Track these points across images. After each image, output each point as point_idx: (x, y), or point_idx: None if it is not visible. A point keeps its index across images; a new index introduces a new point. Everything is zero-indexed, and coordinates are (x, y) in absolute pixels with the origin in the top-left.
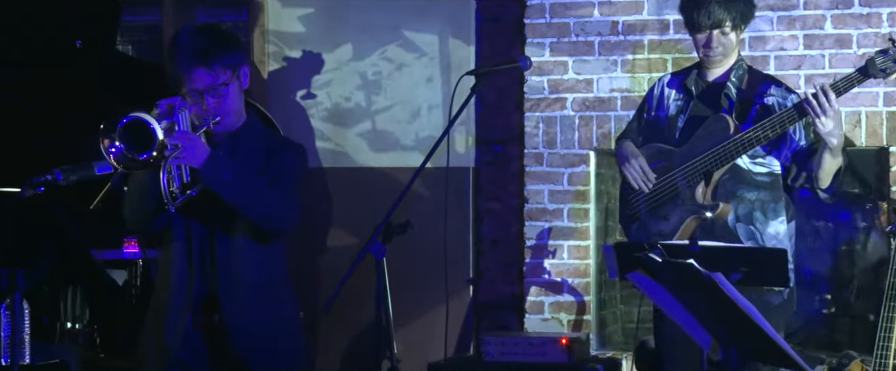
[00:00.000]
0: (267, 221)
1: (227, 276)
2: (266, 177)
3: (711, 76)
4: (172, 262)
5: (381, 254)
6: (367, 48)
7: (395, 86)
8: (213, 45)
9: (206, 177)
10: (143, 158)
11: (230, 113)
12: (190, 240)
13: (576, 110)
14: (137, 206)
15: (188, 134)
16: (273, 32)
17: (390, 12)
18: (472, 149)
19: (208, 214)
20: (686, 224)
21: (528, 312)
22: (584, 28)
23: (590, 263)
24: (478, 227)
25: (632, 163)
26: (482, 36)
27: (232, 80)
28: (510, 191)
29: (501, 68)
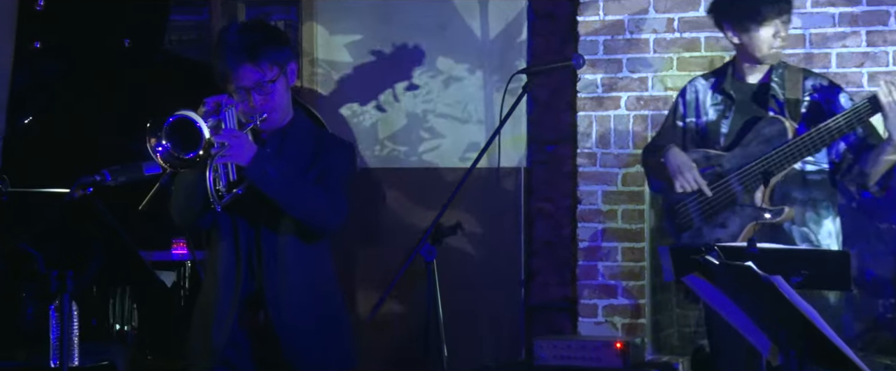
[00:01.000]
0: (313, 219)
1: (273, 275)
2: (313, 174)
3: (751, 78)
4: (219, 261)
5: (430, 256)
6: (419, 46)
7: (446, 85)
8: (260, 41)
9: (252, 174)
10: (190, 157)
11: (277, 110)
12: (237, 238)
13: (630, 109)
14: (184, 203)
15: (234, 132)
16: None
17: (439, 9)
18: (524, 149)
19: (255, 212)
20: (747, 230)
21: (581, 315)
22: (639, 25)
23: (644, 266)
24: (529, 228)
25: (685, 174)
26: (534, 33)
27: (279, 77)
28: (562, 191)
29: (554, 67)
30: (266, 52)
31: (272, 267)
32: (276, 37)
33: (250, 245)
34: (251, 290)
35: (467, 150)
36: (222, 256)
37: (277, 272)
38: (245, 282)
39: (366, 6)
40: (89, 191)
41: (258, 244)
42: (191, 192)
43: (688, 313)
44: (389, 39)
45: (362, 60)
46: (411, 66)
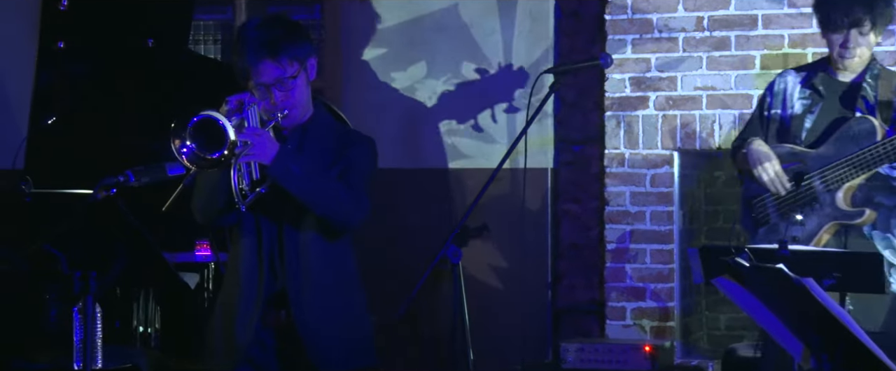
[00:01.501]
0: (336, 217)
1: (296, 273)
2: (335, 171)
3: (843, 76)
4: (241, 259)
5: (456, 258)
6: (444, 46)
7: (471, 85)
8: (279, 37)
9: (276, 173)
10: (215, 157)
11: (298, 106)
12: (259, 236)
13: (659, 109)
14: (206, 202)
15: (257, 130)
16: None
17: (465, 7)
18: (551, 149)
19: (277, 210)
20: (825, 229)
21: (608, 318)
22: (668, 24)
23: (673, 268)
24: (556, 230)
25: (766, 166)
26: (561, 32)
27: (299, 73)
28: (590, 192)
29: (581, 66)
30: (286, 48)
31: (295, 265)
32: (296, 32)
33: (273, 243)
34: (274, 288)
35: (493, 151)
36: (244, 255)
37: (300, 270)
38: (268, 280)
39: (390, 5)
40: (112, 192)
41: (281, 242)
42: (213, 191)
43: (718, 316)
44: (415, 39)
45: (387, 60)
46: (438, 65)
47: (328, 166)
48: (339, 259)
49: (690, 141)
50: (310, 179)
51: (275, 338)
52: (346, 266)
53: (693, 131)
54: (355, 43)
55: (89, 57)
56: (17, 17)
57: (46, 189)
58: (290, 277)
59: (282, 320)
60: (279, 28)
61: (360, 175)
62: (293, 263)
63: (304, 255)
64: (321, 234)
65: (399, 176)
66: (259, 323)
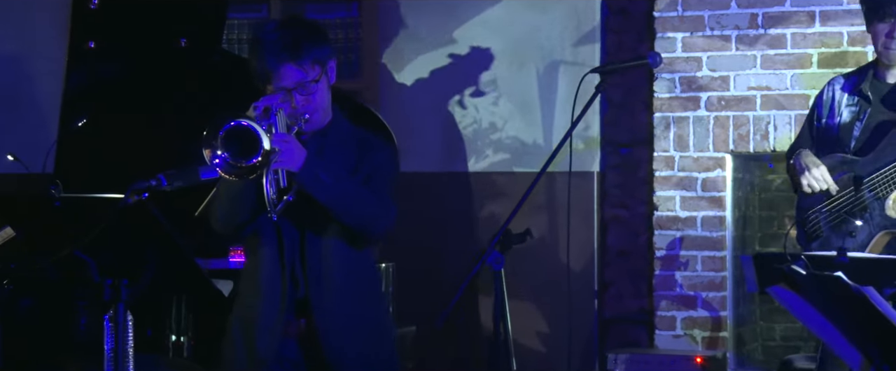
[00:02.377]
0: (363, 224)
1: (318, 281)
2: (358, 177)
3: (891, 77)
4: (261, 268)
5: (499, 264)
6: (486, 44)
7: (514, 85)
8: (301, 39)
9: (304, 180)
10: (250, 164)
11: (319, 110)
12: (281, 244)
13: (710, 110)
14: (228, 211)
15: (285, 136)
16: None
17: (508, 5)
18: (597, 152)
19: (299, 217)
20: (876, 240)
21: (658, 328)
22: (720, 21)
23: (726, 276)
24: (603, 236)
25: (812, 171)
26: (608, 30)
27: (321, 76)
28: (638, 197)
29: (629, 65)
30: (308, 51)
31: (317, 272)
32: (317, 34)
33: (294, 251)
34: (297, 297)
35: (537, 154)
36: (264, 263)
37: (323, 278)
38: (290, 288)
39: (430, 2)
40: (144, 196)
41: (303, 250)
42: (235, 200)
43: (773, 326)
44: (455, 36)
45: (427, 60)
46: (479, 64)
47: (350, 172)
48: (363, 266)
49: (744, 143)
50: (338, 186)
51: (296, 346)
52: (370, 274)
53: (746, 133)
54: (394, 42)
55: (120, 57)
56: (46, 17)
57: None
58: (312, 285)
59: (303, 329)
60: (300, 30)
61: (385, 181)
62: (315, 271)
63: (326, 262)
64: (344, 240)
65: (439, 180)
66: (282, 333)
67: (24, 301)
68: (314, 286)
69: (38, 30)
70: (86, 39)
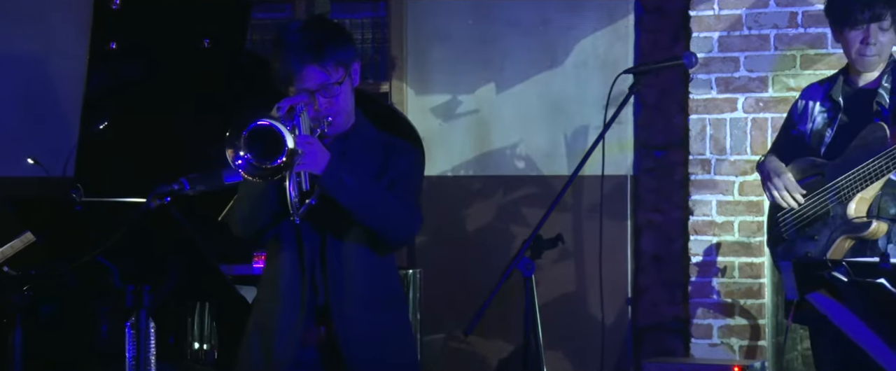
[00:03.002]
0: (387, 230)
1: (339, 287)
2: (382, 182)
3: (862, 81)
4: (280, 273)
5: (529, 270)
6: (516, 44)
7: (545, 86)
8: (324, 40)
9: (327, 183)
10: (273, 165)
11: (342, 113)
12: (300, 249)
13: (748, 112)
14: (249, 215)
15: (308, 138)
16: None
17: (540, 3)
18: (631, 155)
19: (320, 221)
20: (836, 245)
21: (693, 336)
22: (758, 20)
23: (764, 283)
24: (637, 241)
25: (775, 180)
26: (642, 29)
27: (345, 78)
28: (673, 201)
29: (664, 66)
30: (331, 52)
31: (338, 278)
32: (340, 35)
33: (314, 256)
34: (317, 304)
35: (569, 157)
36: (284, 269)
37: (344, 284)
38: (310, 295)
39: (460, 3)
40: (166, 200)
41: (323, 255)
42: (256, 203)
43: None
44: (485, 36)
45: (456, 60)
46: (510, 65)
47: (374, 177)
48: (384, 273)
49: None
50: (362, 191)
51: (316, 354)
52: (391, 280)
53: None
54: (422, 41)
55: (142, 58)
56: (67, 17)
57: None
58: (332, 291)
59: (323, 336)
60: (323, 31)
61: (410, 186)
62: (336, 276)
63: (347, 268)
64: (366, 245)
65: (468, 183)
66: (301, 340)
67: (45, 307)
68: (335, 292)
69: (59, 30)
70: (107, 40)
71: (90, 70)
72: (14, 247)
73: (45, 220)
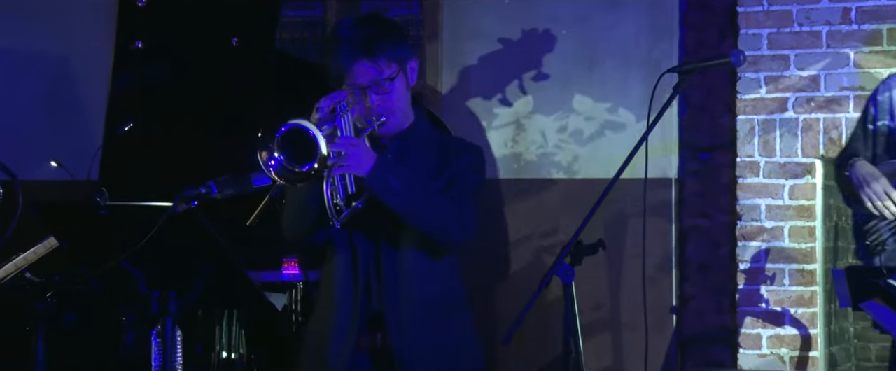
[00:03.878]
0: (440, 233)
1: (394, 294)
2: (439, 184)
3: None
4: (335, 279)
5: (569, 277)
6: (555, 42)
7: (585, 84)
8: (377, 35)
9: (373, 186)
10: (306, 169)
11: (396, 111)
12: (354, 254)
13: (798, 112)
14: (296, 218)
15: (352, 139)
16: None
17: (581, 1)
18: (676, 157)
19: (374, 225)
20: None
21: (742, 347)
22: (810, 16)
23: (816, 291)
24: (682, 247)
25: (872, 186)
26: (687, 26)
27: (398, 75)
28: (720, 206)
29: (710, 64)
30: (384, 48)
31: (393, 285)
32: (394, 31)
33: (369, 261)
34: (371, 310)
35: (610, 159)
36: (338, 274)
37: (399, 291)
38: (364, 302)
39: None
40: (194, 204)
41: (378, 260)
42: (303, 206)
43: (868, 345)
44: (522, 34)
45: (493, 60)
46: (548, 64)
47: (431, 179)
48: (443, 279)
49: (835, 148)
50: (411, 193)
51: (369, 363)
52: (451, 286)
53: (838, 137)
54: (457, 41)
55: (169, 58)
56: (91, 16)
57: (123, 202)
58: (387, 299)
59: (378, 345)
60: (376, 26)
61: (467, 189)
62: (391, 283)
63: (403, 274)
64: (423, 250)
65: (505, 187)
66: (354, 347)
67: (68, 315)
68: (389, 299)
69: (83, 29)
70: (133, 39)
71: (115, 70)
72: (37, 252)
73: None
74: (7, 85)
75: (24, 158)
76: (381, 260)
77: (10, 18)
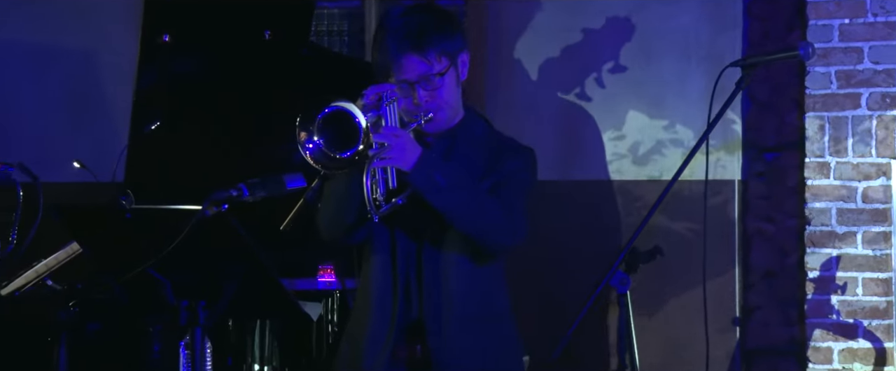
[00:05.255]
0: (486, 237)
1: (435, 300)
2: (487, 184)
3: None
4: (372, 282)
5: (624, 286)
6: (608, 34)
7: (641, 80)
8: (427, 27)
9: (417, 181)
10: (345, 157)
11: (445, 108)
12: (394, 256)
13: (873, 109)
14: (334, 214)
15: (396, 130)
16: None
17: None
18: (739, 157)
19: (416, 225)
20: None
21: (811, 361)
22: (885, 6)
23: (892, 301)
24: (746, 254)
25: None
26: (751, 16)
27: (449, 70)
28: (787, 210)
29: (776, 57)
30: (434, 41)
31: (435, 291)
32: (446, 23)
33: (409, 265)
34: (410, 318)
35: (668, 160)
36: (376, 277)
37: (441, 298)
38: (402, 308)
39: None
40: (224, 208)
41: (419, 264)
42: (341, 201)
43: None
44: (572, 26)
45: (542, 54)
46: (601, 57)
47: (479, 179)
48: (488, 286)
49: None
50: (457, 192)
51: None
52: (496, 295)
53: None
54: (504, 33)
55: (198, 52)
56: (116, 8)
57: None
58: (427, 306)
59: (417, 356)
60: (427, 18)
61: (517, 190)
62: (432, 289)
63: (445, 279)
64: (467, 254)
65: (555, 189)
66: (390, 357)
67: (92, 325)
68: (429, 306)
69: (107, 22)
70: (160, 32)
71: (141, 65)
72: (58, 258)
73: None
74: (26, 81)
75: (44, 159)
76: (422, 263)
77: (29, 10)
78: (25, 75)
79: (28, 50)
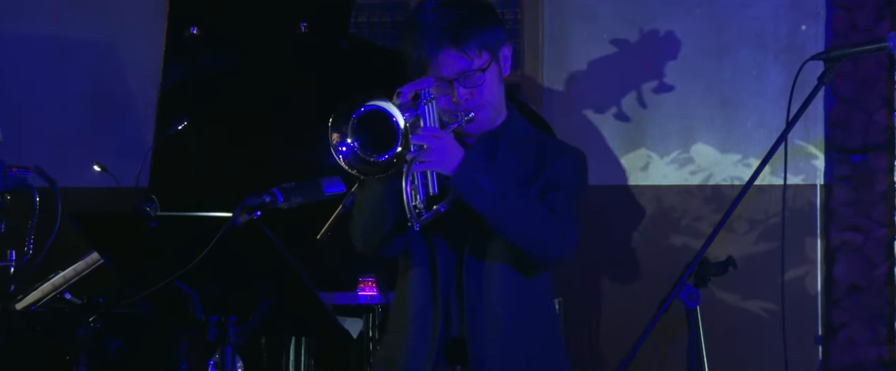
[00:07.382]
0: (533, 246)
1: (477, 316)
2: (534, 189)
3: None
4: (410, 296)
5: (693, 301)
6: (677, 24)
7: (711, 77)
8: (465, 20)
9: (459, 186)
10: (381, 161)
11: (487, 107)
12: (434, 268)
13: None
14: (370, 224)
15: (436, 131)
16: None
17: None
18: (821, 160)
19: (457, 234)
20: None
21: None
22: None
23: None
24: (829, 266)
25: None
26: (835, 5)
27: (490, 65)
28: (875, 218)
29: (862, 50)
30: (473, 34)
31: (477, 307)
32: (485, 15)
33: (450, 278)
34: (450, 335)
35: (742, 162)
36: (414, 291)
37: (484, 314)
38: (443, 325)
39: None
40: (256, 215)
41: (459, 277)
42: (377, 209)
43: None
44: (638, 15)
45: (601, 50)
46: (667, 52)
47: (525, 183)
48: (535, 301)
49: None
50: (503, 198)
51: None
52: (543, 310)
53: None
54: (561, 25)
55: (228, 45)
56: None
57: (176, 212)
58: (469, 322)
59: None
60: (465, 9)
61: (567, 196)
62: (475, 304)
63: (489, 294)
64: (513, 267)
65: (614, 195)
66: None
67: (113, 342)
68: (472, 324)
69: (130, 12)
70: (187, 24)
71: (167, 60)
72: (78, 270)
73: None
74: (44, 77)
75: (63, 162)
76: (463, 275)
77: (46, 0)
78: (42, 71)
79: (45, 44)
